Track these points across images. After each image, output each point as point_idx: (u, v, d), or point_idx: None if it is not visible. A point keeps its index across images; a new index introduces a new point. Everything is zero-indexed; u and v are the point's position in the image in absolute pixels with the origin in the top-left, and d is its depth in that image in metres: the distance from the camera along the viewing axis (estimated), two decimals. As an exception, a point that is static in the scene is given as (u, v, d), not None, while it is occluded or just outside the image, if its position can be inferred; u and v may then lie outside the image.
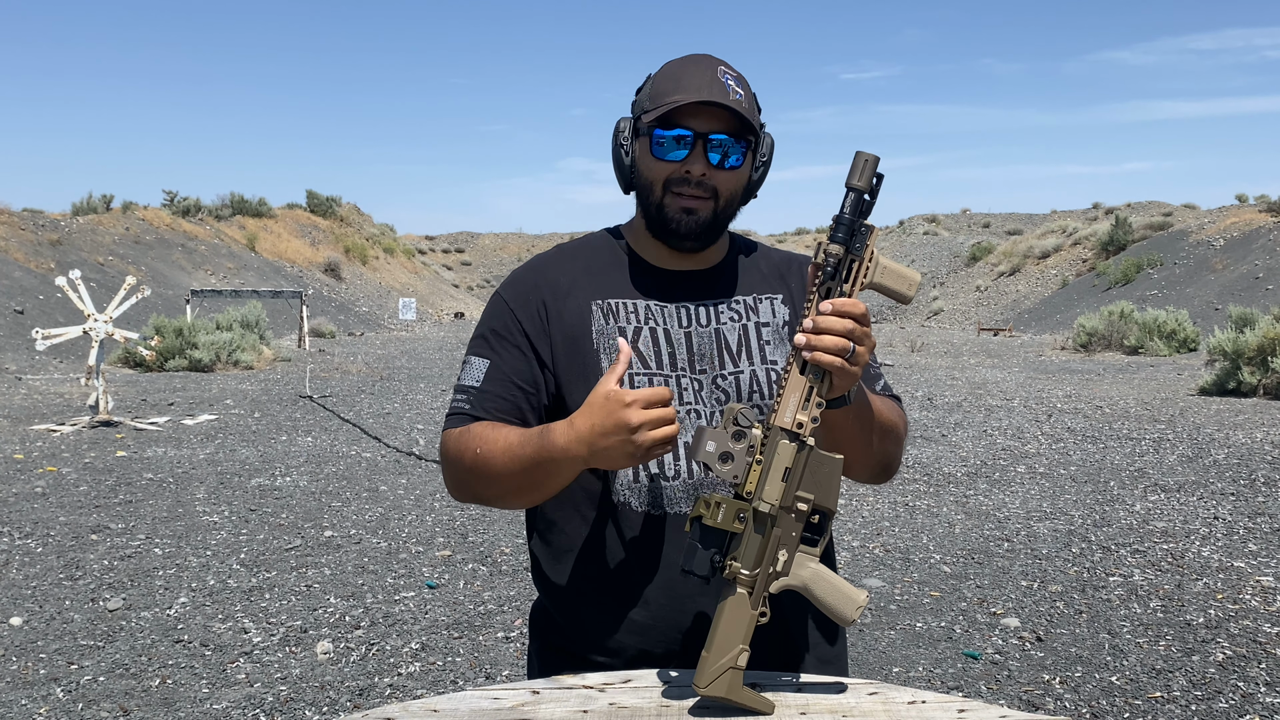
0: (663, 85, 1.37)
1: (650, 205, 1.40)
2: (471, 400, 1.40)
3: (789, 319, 1.46)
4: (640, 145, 1.39)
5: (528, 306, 1.43)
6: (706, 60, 1.38)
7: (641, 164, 1.39)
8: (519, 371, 1.40)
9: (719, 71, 1.36)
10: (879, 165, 1.20)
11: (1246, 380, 12.38)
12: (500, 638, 4.15)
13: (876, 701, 1.22)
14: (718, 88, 1.34)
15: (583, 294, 1.43)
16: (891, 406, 1.44)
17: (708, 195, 1.37)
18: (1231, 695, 3.50)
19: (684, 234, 1.38)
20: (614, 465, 1.23)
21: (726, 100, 1.33)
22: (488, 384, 1.40)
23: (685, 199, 1.37)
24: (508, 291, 1.46)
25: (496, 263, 68.73)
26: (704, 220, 1.38)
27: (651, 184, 1.38)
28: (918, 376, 15.89)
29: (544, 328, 1.41)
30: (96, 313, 10.17)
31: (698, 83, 1.34)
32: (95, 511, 6.30)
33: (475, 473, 1.35)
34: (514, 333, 1.42)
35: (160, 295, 23.34)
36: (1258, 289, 25.19)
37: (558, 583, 1.45)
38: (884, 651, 3.99)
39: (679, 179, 1.36)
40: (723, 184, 1.37)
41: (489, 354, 1.42)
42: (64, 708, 3.42)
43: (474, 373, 1.42)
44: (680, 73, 1.37)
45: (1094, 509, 6.39)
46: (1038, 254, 40.23)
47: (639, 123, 1.39)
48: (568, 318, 1.41)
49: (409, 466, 7.99)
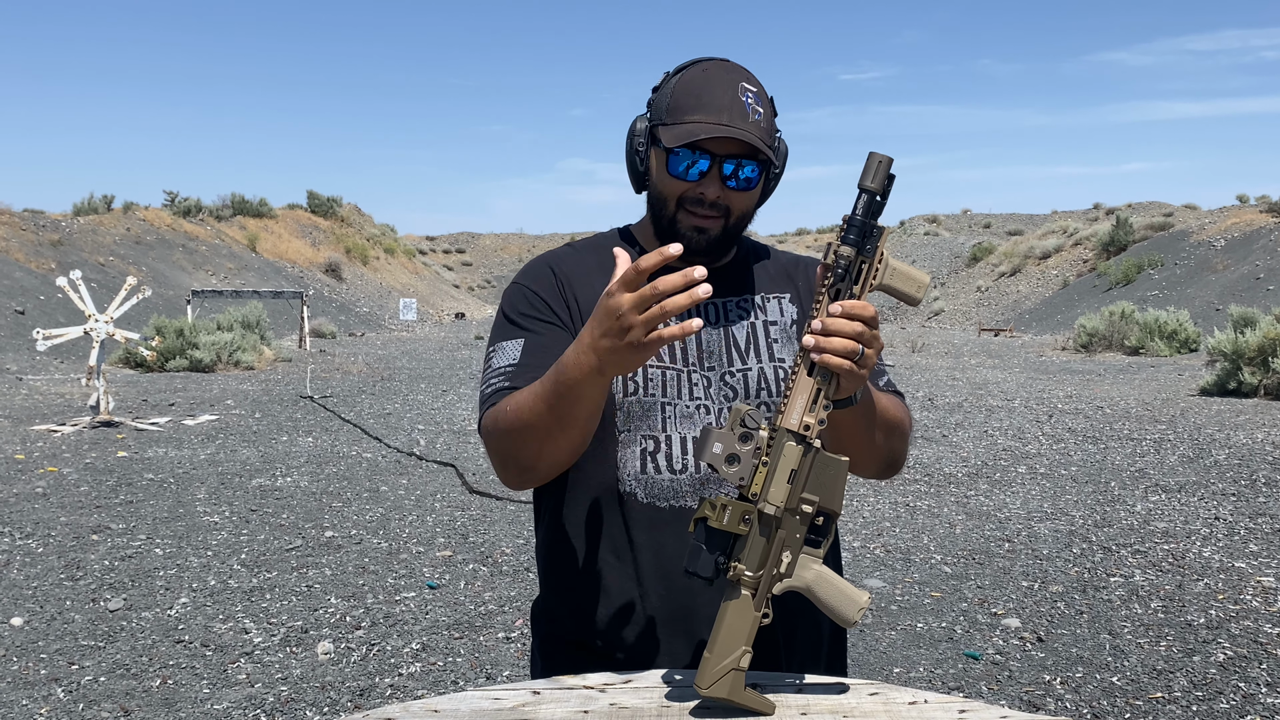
0: (682, 100, 1.35)
1: (663, 219, 1.40)
2: (510, 376, 1.36)
3: (796, 318, 1.47)
4: (656, 157, 1.38)
5: (551, 288, 1.43)
6: (727, 76, 1.36)
7: (656, 176, 1.40)
8: (560, 341, 1.36)
9: (740, 90, 1.34)
10: (891, 167, 1.20)
11: (1247, 381, 12.37)
12: (501, 638, 4.15)
13: (877, 702, 1.22)
14: (738, 110, 1.33)
15: (596, 288, 1.43)
16: (896, 403, 1.44)
17: (720, 215, 1.37)
18: (1232, 696, 3.49)
19: (694, 250, 1.39)
20: (625, 367, 1.16)
21: (746, 127, 1.32)
22: (527, 357, 1.37)
23: (698, 218, 1.37)
24: (526, 279, 1.46)
25: (497, 263, 68.77)
26: (715, 237, 1.39)
27: (665, 199, 1.39)
28: (919, 377, 15.89)
29: (569, 305, 1.42)
30: (97, 313, 10.18)
31: (719, 103, 1.33)
32: (96, 512, 6.30)
33: (513, 435, 1.31)
34: (543, 311, 1.42)
35: (161, 295, 23.34)
36: (1258, 289, 25.19)
37: (561, 571, 1.45)
38: (885, 652, 3.99)
39: (693, 198, 1.36)
40: (736, 203, 1.38)
41: (522, 333, 1.40)
42: (65, 708, 3.42)
43: (510, 353, 1.39)
44: (702, 90, 1.35)
45: (1095, 509, 6.38)
46: (1038, 254, 40.24)
47: (655, 131, 1.38)
48: (584, 306, 1.42)
49: (410, 467, 7.99)
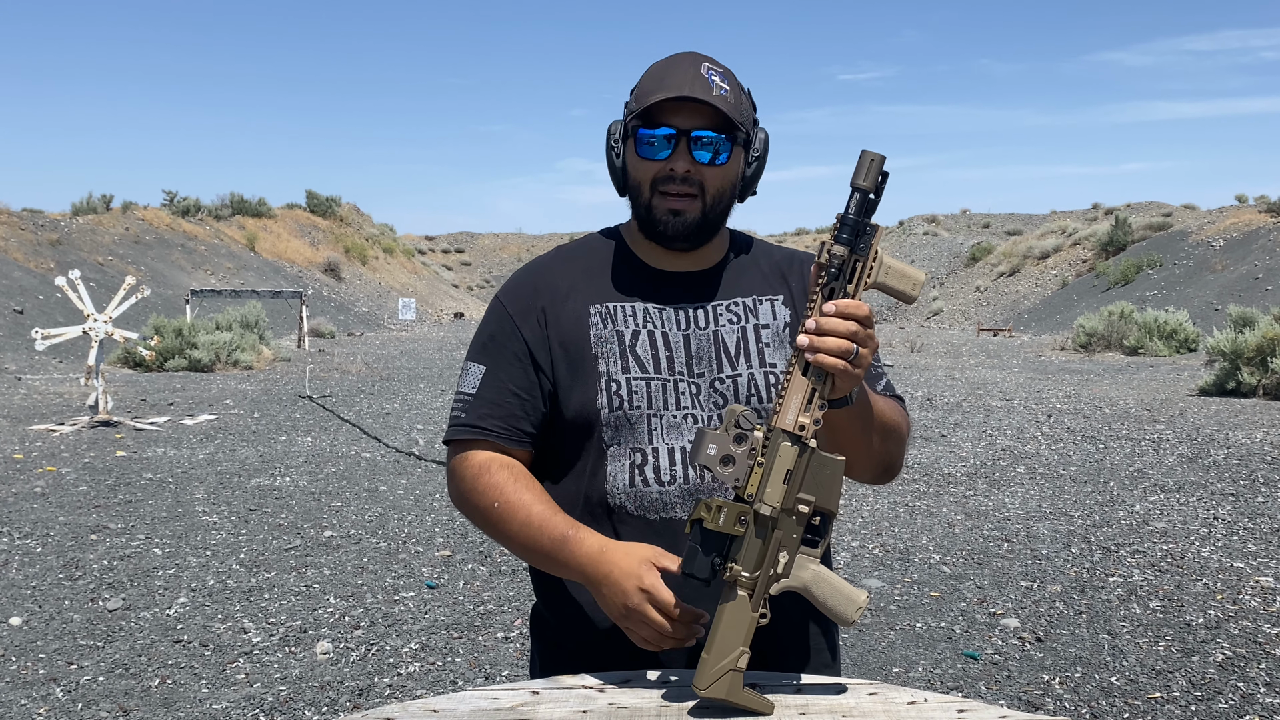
0: (647, 84, 1.37)
1: (640, 207, 1.40)
2: (468, 408, 1.41)
3: (789, 320, 1.45)
4: (629, 147, 1.39)
5: (527, 314, 1.42)
6: (690, 58, 1.37)
7: (630, 165, 1.40)
8: (515, 378, 1.40)
9: (703, 68, 1.35)
10: (884, 165, 1.19)
11: (1246, 381, 12.37)
12: (500, 638, 4.15)
13: (876, 702, 1.22)
14: (700, 84, 1.33)
15: (581, 298, 1.42)
16: (894, 406, 1.43)
17: (694, 193, 1.36)
18: (1231, 696, 3.50)
19: (672, 235, 1.38)
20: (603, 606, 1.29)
21: (709, 96, 1.32)
22: (484, 390, 1.41)
23: (672, 199, 1.36)
24: (507, 297, 1.46)
25: (496, 263, 68.73)
26: (692, 221, 1.37)
27: (640, 185, 1.38)
28: (917, 377, 15.89)
29: (543, 334, 1.41)
30: (96, 313, 10.17)
31: (680, 79, 1.34)
32: (95, 511, 6.30)
33: (484, 519, 1.38)
34: (512, 339, 1.42)
35: (160, 295, 23.33)
36: (1257, 289, 25.20)
37: (554, 585, 1.45)
38: (884, 652, 3.99)
39: (665, 177, 1.36)
40: (710, 181, 1.36)
41: (485, 360, 1.43)
42: (64, 708, 3.42)
43: (471, 379, 1.43)
44: (663, 71, 1.36)
45: (1094, 509, 6.39)
46: (1037, 254, 40.22)
47: (627, 126, 1.39)
48: (566, 322, 1.41)
49: (409, 466, 7.99)
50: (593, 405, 1.37)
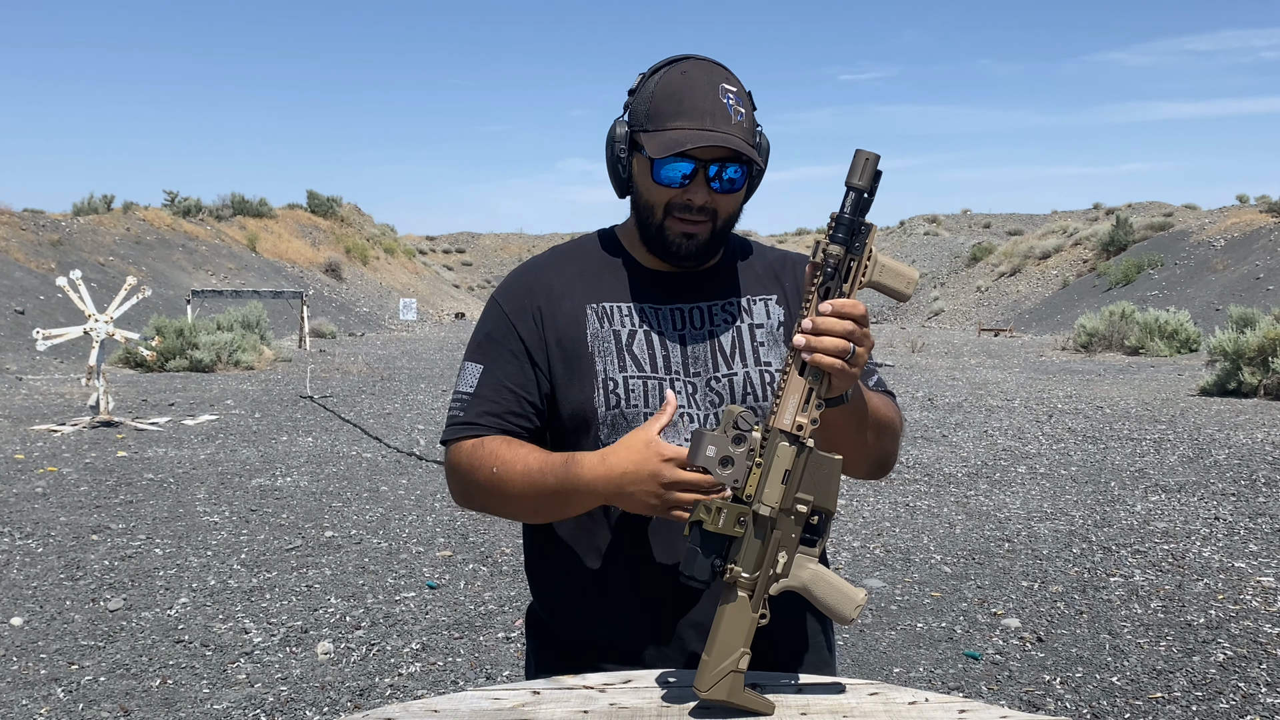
0: (663, 105, 1.34)
1: (650, 226, 1.39)
2: (466, 406, 1.41)
3: (784, 320, 1.45)
4: (640, 164, 1.37)
5: (523, 312, 1.42)
6: (706, 75, 1.34)
7: (641, 184, 1.38)
8: (512, 376, 1.40)
9: (720, 91, 1.33)
10: (879, 163, 1.19)
11: (1247, 381, 12.37)
12: (501, 638, 4.15)
13: (877, 702, 1.22)
14: (721, 113, 1.32)
15: (577, 297, 1.42)
16: (886, 402, 1.44)
17: (708, 219, 1.37)
18: (1232, 696, 3.50)
19: (684, 255, 1.39)
20: (631, 509, 1.26)
21: (730, 130, 1.32)
22: (481, 389, 1.41)
23: (686, 224, 1.36)
24: (503, 297, 1.46)
25: (497, 263, 68.72)
26: (703, 242, 1.38)
27: (652, 206, 1.37)
28: (918, 377, 15.88)
29: (539, 333, 1.41)
30: (97, 313, 10.18)
31: (701, 107, 1.32)
32: (96, 512, 6.31)
33: (488, 490, 1.36)
34: (509, 338, 1.42)
35: (161, 295, 23.34)
36: (1258, 289, 25.18)
37: (550, 586, 1.45)
38: (884, 652, 3.99)
39: (681, 204, 1.35)
40: (723, 206, 1.37)
41: (483, 360, 1.43)
42: (64, 708, 3.43)
43: (469, 379, 1.42)
44: (682, 93, 1.33)
45: (1095, 509, 6.38)
46: (1038, 254, 40.23)
47: (637, 138, 1.36)
48: (562, 321, 1.41)
49: (409, 467, 7.99)
50: (590, 404, 1.38)
